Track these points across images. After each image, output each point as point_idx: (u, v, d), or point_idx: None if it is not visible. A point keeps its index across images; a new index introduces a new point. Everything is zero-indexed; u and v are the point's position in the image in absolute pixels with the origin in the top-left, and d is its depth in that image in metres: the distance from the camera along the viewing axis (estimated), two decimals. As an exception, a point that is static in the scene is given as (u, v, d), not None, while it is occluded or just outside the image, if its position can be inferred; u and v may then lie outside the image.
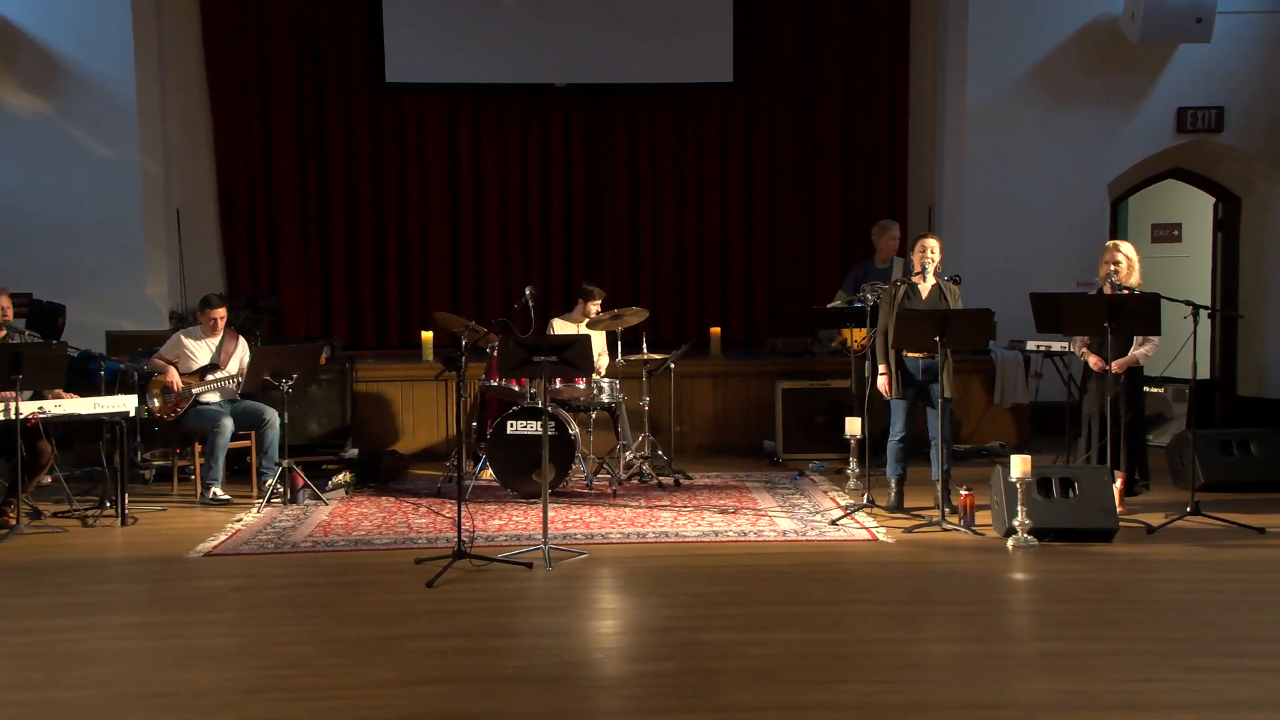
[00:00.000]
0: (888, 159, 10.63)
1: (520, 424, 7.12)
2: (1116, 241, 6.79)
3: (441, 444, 8.82)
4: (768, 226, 10.75)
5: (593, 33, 10.26)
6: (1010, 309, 8.60)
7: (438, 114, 10.49)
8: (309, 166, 10.42)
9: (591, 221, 10.70)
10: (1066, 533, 6.02)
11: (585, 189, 10.67)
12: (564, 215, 10.66)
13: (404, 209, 10.53)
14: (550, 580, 5.47)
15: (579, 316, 8.02)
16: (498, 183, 10.58)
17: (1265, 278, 10.30)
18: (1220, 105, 9.98)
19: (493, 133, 10.54)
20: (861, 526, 6.45)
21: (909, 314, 6.51)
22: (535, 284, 9.35)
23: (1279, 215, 10.20)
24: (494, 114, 10.53)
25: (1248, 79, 9.99)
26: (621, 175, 10.67)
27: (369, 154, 10.46)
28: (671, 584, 5.42)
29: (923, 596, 5.23)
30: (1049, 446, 8.41)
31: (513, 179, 10.59)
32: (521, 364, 5.90)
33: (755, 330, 10.70)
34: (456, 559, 5.59)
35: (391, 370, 8.97)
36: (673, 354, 8.00)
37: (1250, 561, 5.73)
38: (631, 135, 10.66)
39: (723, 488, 7.65)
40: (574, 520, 6.67)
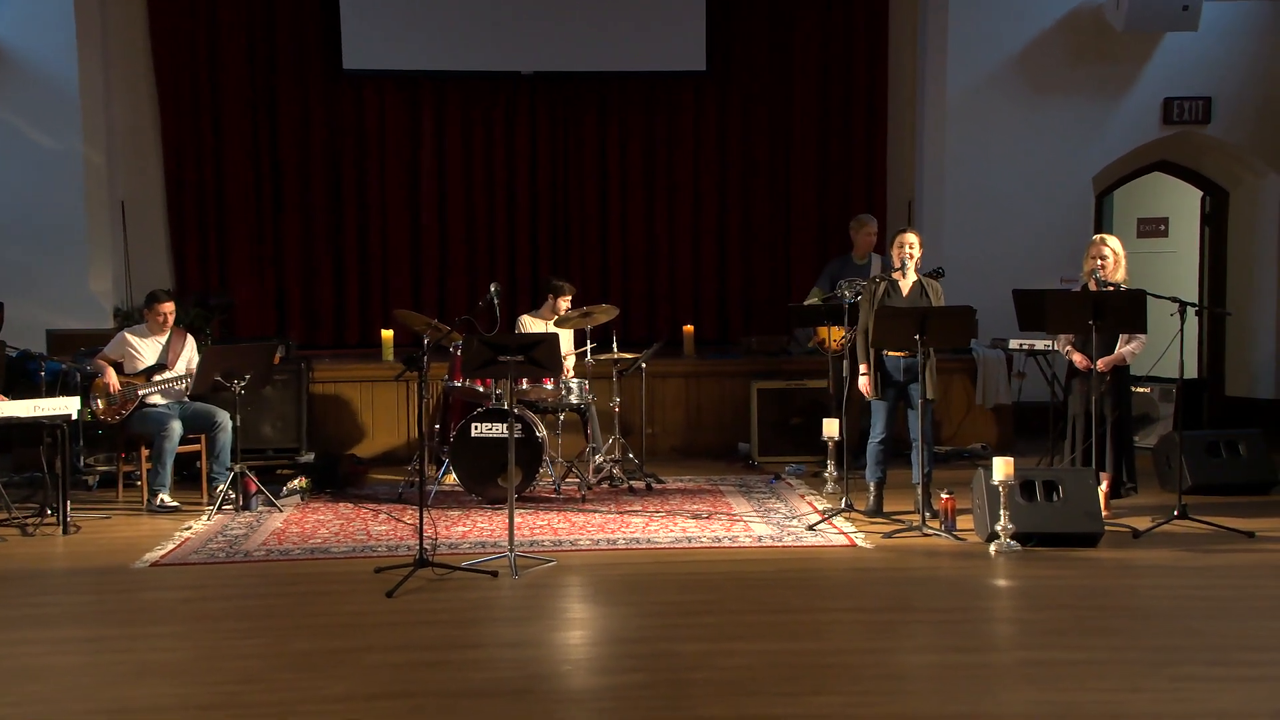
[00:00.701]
0: (865, 151, 10.68)
1: (485, 426, 7.11)
2: (1102, 236, 6.85)
3: (402, 447, 8.79)
4: (742, 220, 10.78)
5: (560, 18, 10.25)
6: (992, 306, 8.67)
7: (398, 103, 10.45)
8: (262, 157, 10.35)
9: (559, 215, 10.69)
10: (1050, 537, 6.07)
11: (552, 181, 10.66)
12: (530, 208, 10.64)
13: (363, 201, 10.49)
14: (516, 589, 5.46)
15: (548, 314, 8.01)
16: (461, 174, 10.55)
17: (1254, 274, 10.42)
18: (1207, 96, 10.10)
19: (456, 122, 10.51)
20: (839, 532, 6.48)
21: (888, 312, 6.55)
22: (501, 280, 9.33)
23: (1268, 209, 10.34)
24: (457, 103, 10.50)
25: (1236, 68, 10.12)
26: (590, 167, 10.66)
27: (325, 144, 10.40)
28: (642, 592, 5.43)
29: (902, 604, 5.26)
30: (1032, 448, 8.48)
31: (477, 170, 10.56)
32: (486, 364, 5.89)
33: (729, 328, 10.73)
34: (418, 568, 5.57)
35: (350, 370, 8.92)
36: (644, 353, 8.00)
37: (1239, 567, 5.80)
38: (601, 126, 10.66)
39: (696, 492, 7.67)
40: (541, 526, 6.67)
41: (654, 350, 8.16)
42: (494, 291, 7.33)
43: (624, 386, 8.12)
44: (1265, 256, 10.36)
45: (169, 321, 7.54)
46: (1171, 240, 11.22)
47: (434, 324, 7.14)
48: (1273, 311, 10.29)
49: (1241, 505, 7.06)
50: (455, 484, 7.47)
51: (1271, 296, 10.29)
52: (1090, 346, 6.52)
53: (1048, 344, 8.21)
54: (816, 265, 10.60)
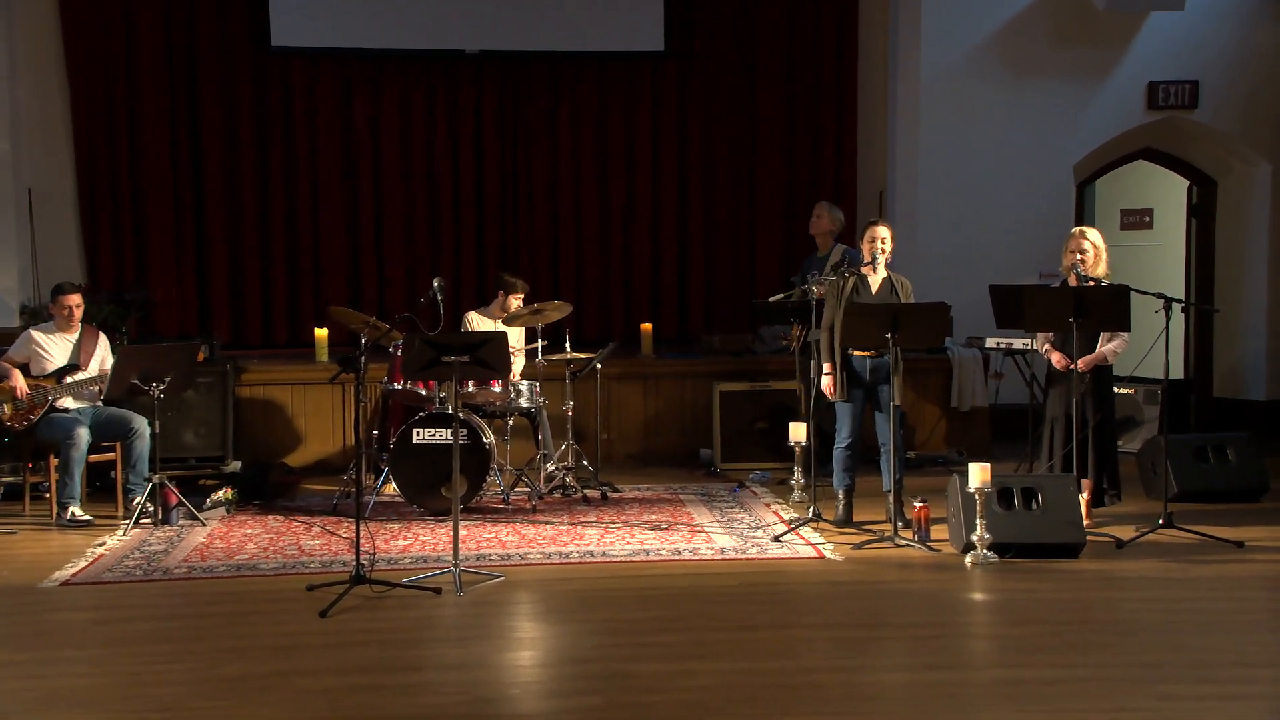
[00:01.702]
0: (834, 138, 10.74)
1: (427, 432, 7.09)
2: (1083, 228, 6.93)
3: (338, 455, 8.74)
4: (703, 211, 10.81)
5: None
6: (968, 303, 8.74)
7: (331, 83, 10.38)
8: (182, 141, 10.23)
9: (507, 206, 10.67)
10: (1029, 548, 6.14)
11: (500, 169, 10.63)
12: (476, 199, 10.61)
13: (293, 190, 10.40)
14: (461, 607, 5.44)
15: (498, 311, 8.00)
16: (400, 161, 10.50)
17: (1243, 268, 10.57)
18: (1194, 79, 10.25)
19: (394, 105, 10.45)
20: (807, 543, 6.51)
21: (857, 309, 6.59)
22: (444, 274, 9.29)
23: (1258, 200, 10.49)
24: (396, 84, 10.44)
25: (1223, 50, 10.28)
26: (541, 154, 10.65)
27: (252, 128, 10.31)
28: (597, 609, 5.43)
29: (874, 619, 5.29)
30: (1010, 453, 8.57)
31: (417, 157, 10.52)
32: (429, 365, 5.87)
33: (690, 326, 10.75)
34: (354, 585, 5.54)
35: (280, 372, 8.86)
36: (599, 353, 8.00)
37: (1227, 578, 5.88)
38: (552, 109, 10.64)
39: (655, 501, 7.68)
40: (488, 539, 6.65)
41: (609, 350, 8.16)
42: (437, 287, 7.30)
43: (577, 389, 8.11)
44: (1255, 250, 10.51)
45: (76, 316, 7.45)
46: (1156, 233, 11.37)
47: (372, 322, 7.11)
48: (1263, 308, 10.44)
49: (1230, 513, 7.18)
50: (395, 494, 7.43)
51: (1261, 292, 10.44)
52: (1070, 345, 6.59)
53: (1026, 343, 8.28)
54: (783, 258, 10.65)
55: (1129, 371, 7.78)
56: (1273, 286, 10.40)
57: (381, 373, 7.83)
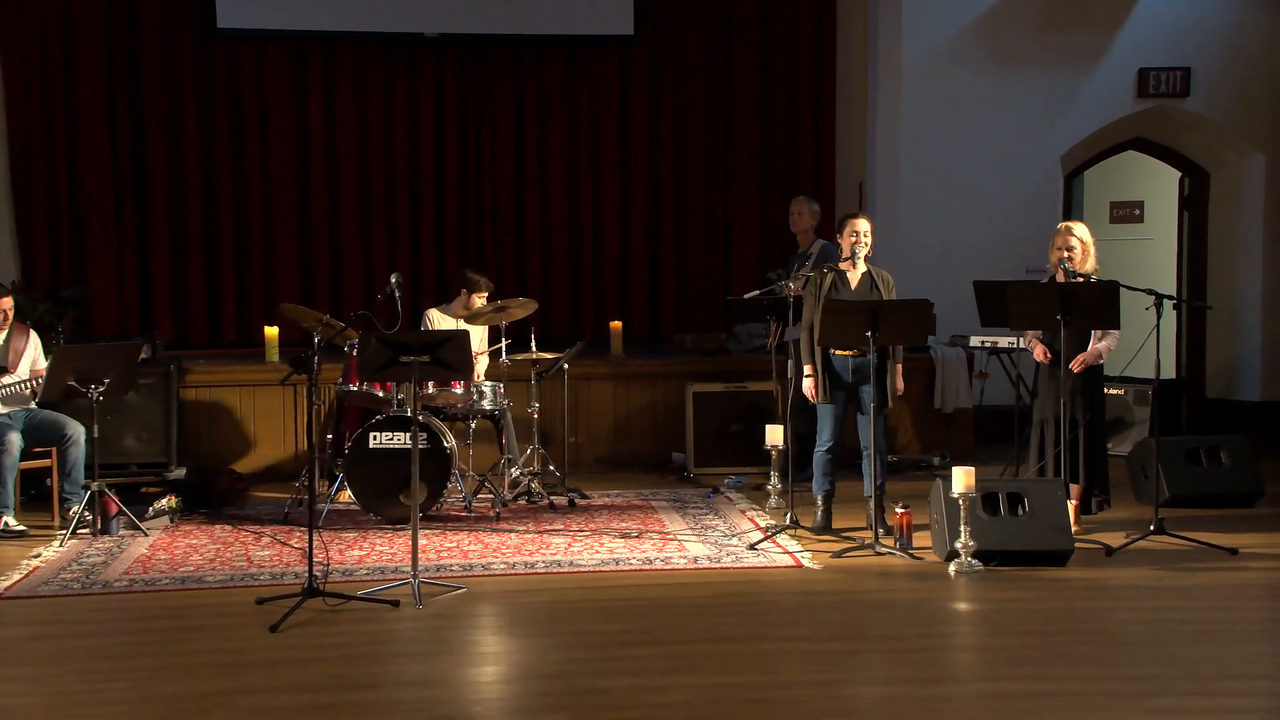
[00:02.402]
0: (812, 127, 10.78)
1: (385, 436, 7.07)
2: (1070, 223, 6.98)
3: (289, 461, 8.70)
4: (675, 204, 10.82)
5: (469, -27, 10.23)
6: (951, 300, 8.78)
7: (282, 68, 10.33)
8: (122, 128, 10.16)
9: (469, 198, 10.65)
10: (1016, 555, 6.17)
11: (461, 159, 10.61)
12: (436, 190, 10.58)
13: (241, 181, 10.35)
14: (420, 620, 5.43)
15: (459, 309, 8.00)
16: (356, 151, 10.46)
17: (1237, 263, 10.66)
18: (1186, 66, 10.32)
19: (349, 92, 10.41)
20: (784, 551, 6.53)
21: (836, 306, 6.61)
22: (403, 270, 9.22)
23: (1252, 192, 10.56)
24: (351, 69, 10.40)
25: (1216, 36, 10.36)
26: (504, 143, 10.63)
27: (197, 115, 10.25)
28: (564, 622, 5.42)
29: (853, 631, 5.31)
30: (995, 457, 8.60)
31: (374, 147, 10.48)
32: (386, 365, 5.85)
33: (661, 325, 10.77)
34: (307, 597, 5.51)
35: (228, 373, 8.81)
36: (566, 353, 7.99)
37: (1221, 587, 5.93)
38: (516, 96, 10.63)
39: (625, 508, 7.68)
40: (449, 549, 6.64)
41: (577, 349, 8.15)
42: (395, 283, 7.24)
43: (543, 390, 8.10)
44: (1249, 244, 10.59)
45: (7, 318, 7.37)
46: (1147, 226, 11.46)
47: (326, 320, 7.07)
48: (1257, 305, 10.52)
49: (1224, 519, 7.23)
50: (350, 502, 7.41)
51: (1256, 288, 10.52)
52: (1059, 344, 6.62)
53: (1012, 341, 8.33)
54: (759, 253, 10.68)
55: (1119, 371, 7.83)
56: (1268, 282, 10.49)
57: (336, 373, 7.79)
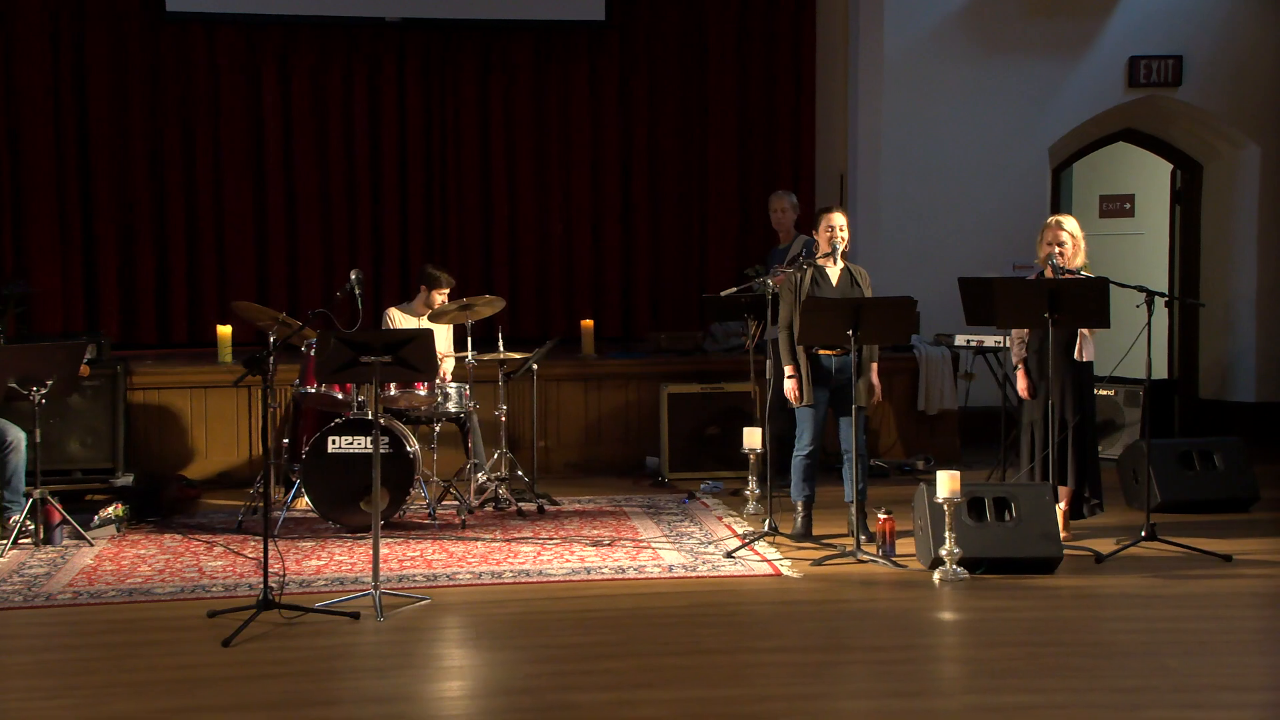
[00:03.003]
0: (791, 118, 10.80)
1: (344, 440, 7.04)
2: (1060, 217, 6.99)
3: (243, 467, 8.66)
4: (649, 197, 10.82)
5: (433, -45, 10.21)
6: (935, 297, 8.82)
7: (236, 53, 10.28)
8: (66, 116, 10.09)
9: (433, 191, 10.62)
10: (1002, 563, 6.19)
11: (425, 150, 10.58)
12: (399, 182, 10.55)
13: (192, 172, 10.29)
14: (382, 634, 5.41)
15: (421, 307, 7.99)
16: (314, 142, 10.42)
17: (1231, 259, 10.71)
18: (1178, 54, 10.38)
19: (307, 78, 10.37)
20: (762, 559, 6.53)
21: (816, 304, 6.62)
22: (363, 266, 9.23)
23: (1247, 184, 10.62)
24: (308, 54, 10.36)
25: (1209, 23, 10.41)
26: (470, 133, 10.61)
27: (146, 102, 10.18)
28: (533, 634, 5.42)
29: (835, 642, 5.32)
30: (982, 460, 8.66)
31: (334, 137, 10.44)
32: (346, 365, 5.83)
33: (635, 323, 10.77)
34: (262, 610, 5.49)
35: (178, 374, 8.77)
36: (535, 352, 7.98)
37: (1215, 595, 5.97)
38: (482, 84, 10.61)
39: (596, 514, 7.68)
40: (413, 558, 6.62)
41: (547, 349, 8.14)
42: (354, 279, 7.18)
43: (511, 392, 8.09)
44: (1244, 239, 10.65)
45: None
46: (1138, 220, 11.53)
47: (282, 318, 7.05)
48: (1251, 302, 10.58)
49: (1218, 524, 7.28)
50: (308, 509, 7.38)
51: (1250, 285, 10.58)
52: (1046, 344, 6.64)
53: (998, 340, 8.37)
54: (737, 249, 10.69)
55: (1109, 371, 7.87)
56: (1263, 278, 10.54)
57: (292, 375, 7.77)
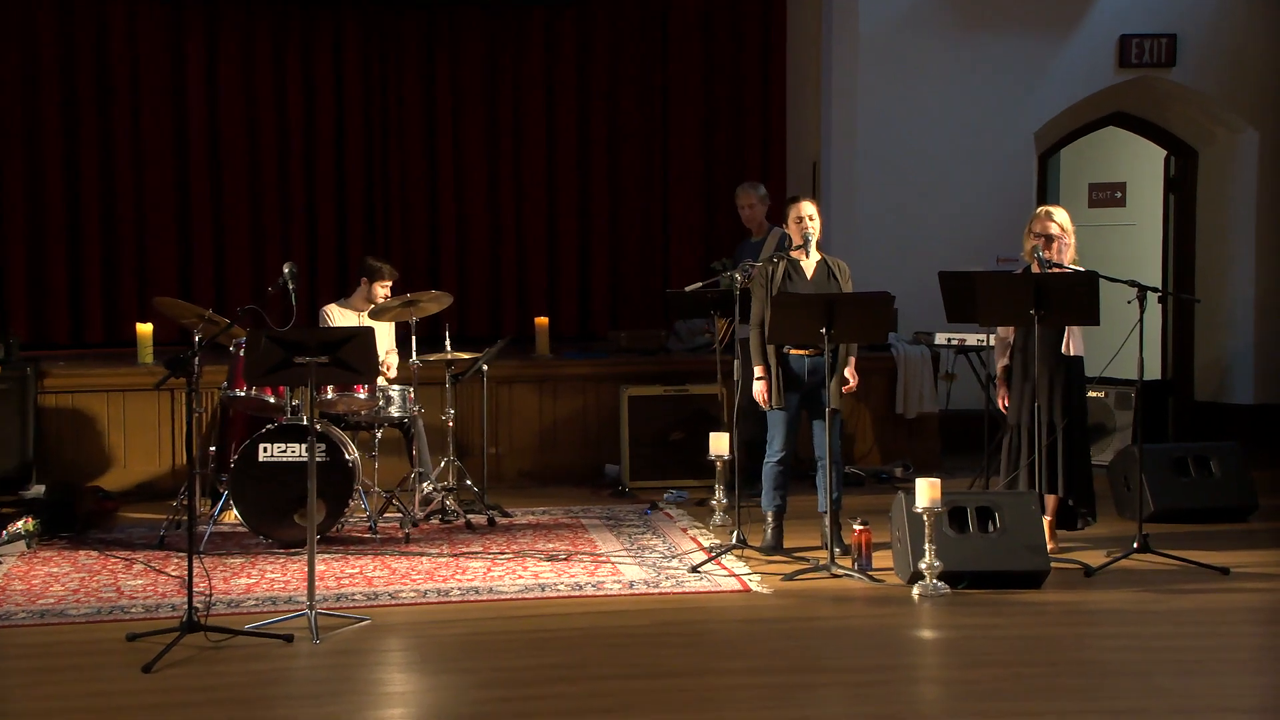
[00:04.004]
0: (760, 102, 10.81)
1: (276, 447, 7.02)
2: (1048, 208, 7.03)
3: (165, 477, 8.62)
4: (608, 186, 10.82)
5: (373, -77, 10.18)
6: (914, 292, 8.85)
7: (156, 28, 10.21)
8: (-31, 100, 10.01)
9: (374, 178, 10.58)
10: (986, 577, 6.22)
11: (365, 134, 10.54)
12: (336, 169, 10.51)
13: (109, 156, 10.23)
14: (318, 657, 5.39)
15: (360, 303, 7.96)
16: (243, 125, 10.36)
17: (1228, 251, 10.80)
18: (1172, 33, 10.46)
19: (235, 56, 10.31)
20: (730, 574, 6.54)
21: (787, 300, 6.63)
22: (298, 259, 9.16)
23: (1244, 172, 10.71)
24: (237, 29, 10.30)
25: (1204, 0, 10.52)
26: (414, 118, 10.58)
27: (57, 81, 10.10)
28: (483, 656, 5.41)
29: (808, 663, 5.33)
30: (964, 467, 8.69)
31: (265, 119, 10.39)
32: (278, 366, 5.80)
33: (593, 321, 10.77)
34: (186, 633, 5.46)
35: (94, 377, 8.71)
36: (486, 352, 7.97)
37: (1212, 611, 6.02)
38: (427, 65, 10.59)
39: (552, 527, 7.68)
40: (352, 575, 6.60)
41: (498, 349, 8.14)
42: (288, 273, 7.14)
43: (460, 395, 8.07)
44: (1241, 230, 10.74)
45: None
46: (1129, 210, 11.60)
47: (208, 315, 7.03)
48: (1250, 298, 10.68)
49: (1214, 535, 7.35)
50: (237, 523, 7.34)
51: (1248, 279, 10.68)
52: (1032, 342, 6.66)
53: (981, 339, 8.40)
54: (702, 241, 10.69)
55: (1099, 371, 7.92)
56: (1262, 272, 10.64)
57: (220, 377, 7.71)
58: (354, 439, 7.49)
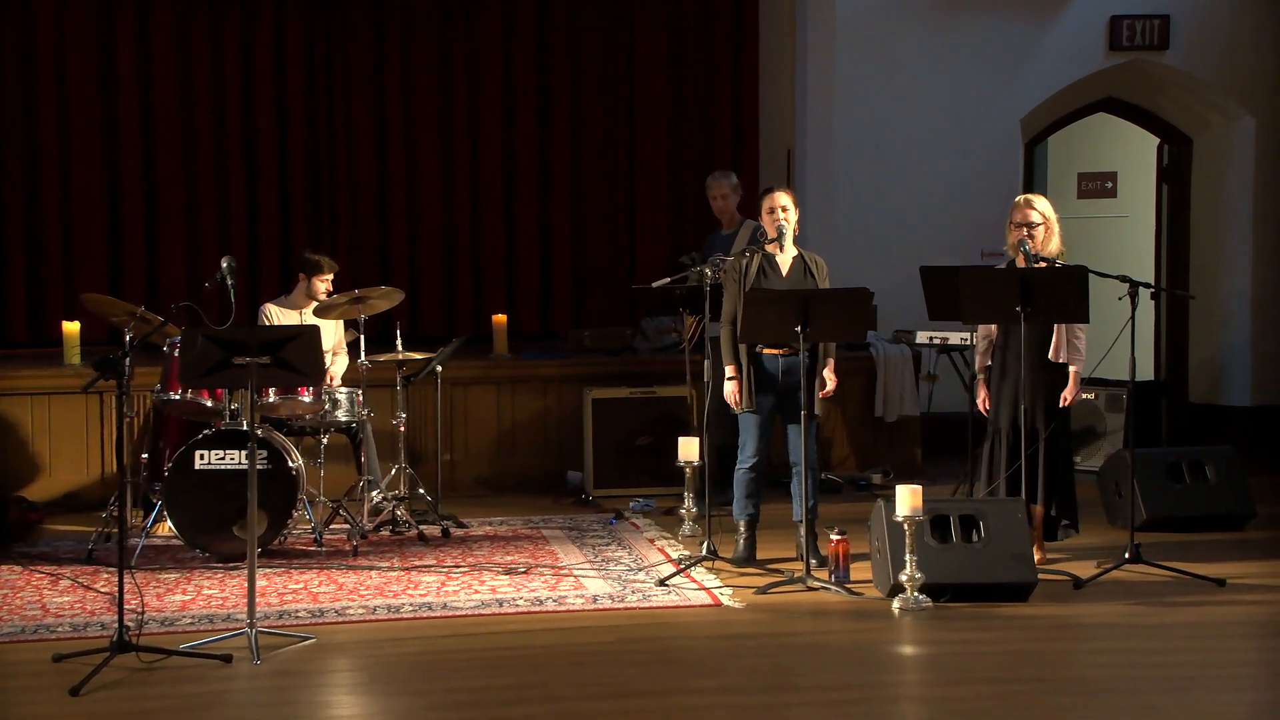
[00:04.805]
0: (731, 86, 10.84)
1: (214, 454, 6.99)
2: (1030, 196, 7.06)
3: (94, 486, 8.57)
4: (570, 176, 10.82)
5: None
6: (894, 288, 8.88)
7: (84, 9, 10.16)
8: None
9: (319, 166, 10.57)
10: (970, 589, 6.25)
11: (309, 120, 10.52)
12: (278, 158, 10.49)
13: (34, 145, 10.20)
14: (259, 679, 5.37)
15: (302, 300, 7.94)
16: (178, 110, 10.33)
17: (1224, 245, 10.87)
18: (1165, 14, 10.52)
19: (169, 37, 10.28)
20: (700, 587, 6.55)
21: (761, 296, 6.63)
22: (237, 254, 9.10)
23: (1240, 161, 10.77)
24: (169, 10, 10.26)
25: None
26: (362, 103, 10.57)
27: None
28: (436, 677, 5.39)
29: (782, 681, 5.34)
30: (946, 473, 8.73)
31: (201, 105, 10.36)
32: (216, 368, 5.77)
33: (554, 319, 10.78)
34: (117, 653, 5.43)
35: (16, 379, 8.68)
36: (440, 352, 7.96)
37: (1206, 625, 6.05)
38: (376, 45, 10.57)
39: (510, 538, 7.68)
40: (296, 591, 6.58)
41: (453, 348, 8.13)
42: (226, 268, 7.13)
43: (412, 397, 8.05)
44: (1238, 222, 10.80)
45: None
46: (1120, 202, 11.67)
47: (140, 313, 7.01)
48: (1247, 294, 10.74)
49: (1210, 544, 7.39)
50: (171, 535, 7.31)
51: (1245, 274, 10.74)
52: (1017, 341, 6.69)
53: (964, 337, 8.43)
54: (670, 234, 10.71)
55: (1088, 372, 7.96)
56: (1259, 267, 10.70)
57: (153, 379, 7.67)
58: (298, 445, 7.48)
